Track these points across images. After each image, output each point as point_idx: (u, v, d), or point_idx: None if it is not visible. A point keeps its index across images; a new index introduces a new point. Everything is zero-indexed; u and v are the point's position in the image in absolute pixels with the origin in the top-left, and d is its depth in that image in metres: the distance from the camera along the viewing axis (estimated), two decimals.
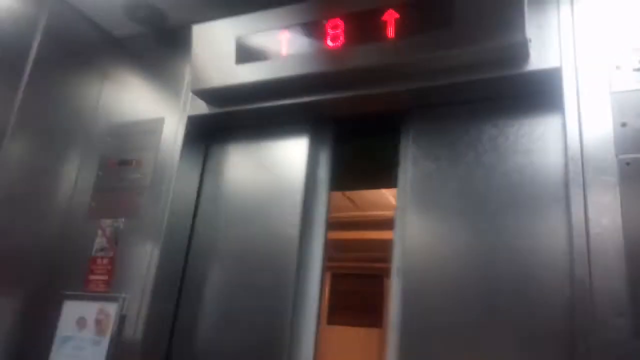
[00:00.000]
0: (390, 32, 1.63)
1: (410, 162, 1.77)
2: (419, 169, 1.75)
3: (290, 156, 2.01)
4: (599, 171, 1.34)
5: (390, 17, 1.63)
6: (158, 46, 2.29)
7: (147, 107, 2.19)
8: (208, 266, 2.00)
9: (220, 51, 1.94)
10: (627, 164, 1.31)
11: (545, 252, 1.49)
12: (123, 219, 2.02)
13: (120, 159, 2.15)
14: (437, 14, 1.57)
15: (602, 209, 1.31)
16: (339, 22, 1.72)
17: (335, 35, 1.73)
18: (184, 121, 2.08)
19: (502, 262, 1.53)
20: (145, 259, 1.91)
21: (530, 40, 1.49)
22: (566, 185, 1.42)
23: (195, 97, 2.06)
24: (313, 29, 1.77)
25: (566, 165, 1.43)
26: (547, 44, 1.51)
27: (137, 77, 2.28)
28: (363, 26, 1.69)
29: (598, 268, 1.27)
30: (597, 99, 1.40)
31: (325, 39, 1.74)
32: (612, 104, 1.37)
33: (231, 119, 2.08)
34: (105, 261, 1.99)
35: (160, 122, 2.14)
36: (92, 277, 1.99)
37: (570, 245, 1.37)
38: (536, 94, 1.62)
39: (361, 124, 2.00)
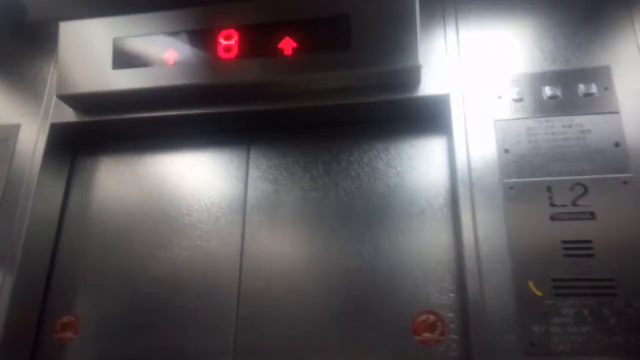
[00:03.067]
0: (287, 49, 1.49)
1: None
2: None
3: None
4: (486, 194, 1.34)
5: (288, 34, 1.50)
6: (13, 42, 1.88)
7: None
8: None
9: (94, 54, 1.63)
10: (511, 187, 1.32)
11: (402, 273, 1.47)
12: None
13: None
14: (334, 35, 1.47)
15: (489, 230, 1.31)
16: (233, 33, 1.54)
17: (227, 46, 1.54)
18: (45, 129, 1.71)
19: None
20: None
21: (421, 67, 1.46)
22: (456, 206, 1.40)
23: (61, 102, 1.71)
24: (203, 37, 1.56)
25: (455, 187, 1.41)
26: (436, 71, 1.49)
27: None
28: (258, 40, 1.53)
29: (489, 286, 1.26)
30: (482, 126, 1.40)
31: (217, 50, 1.54)
32: (496, 131, 1.38)
33: (104, 128, 1.76)
34: None
35: (14, 129, 1.74)
36: None
37: (461, 265, 1.34)
38: (423, 119, 1.59)
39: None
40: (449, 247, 1.47)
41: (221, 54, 1.54)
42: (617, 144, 1.30)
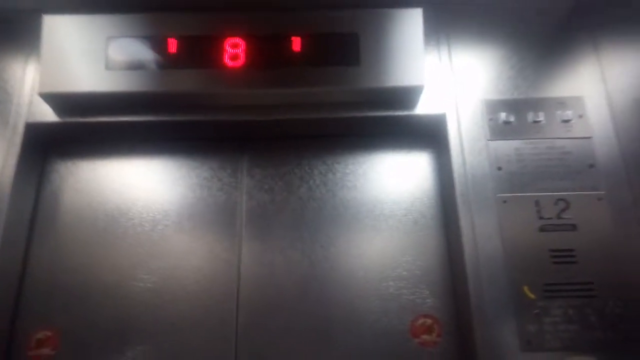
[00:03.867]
0: (295, 61, 1.52)
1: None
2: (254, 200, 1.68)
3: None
4: (483, 206, 1.46)
5: (296, 45, 1.53)
6: None
7: None
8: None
9: (85, 52, 1.54)
10: (504, 201, 1.46)
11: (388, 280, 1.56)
12: None
13: None
14: (343, 52, 1.53)
15: (486, 239, 1.43)
16: (240, 42, 1.53)
17: (234, 54, 1.53)
18: (19, 129, 1.58)
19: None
20: None
21: (424, 86, 1.56)
22: (455, 217, 1.50)
23: (37, 101, 1.58)
24: (209, 44, 1.54)
25: (452, 199, 1.52)
26: (431, 92, 1.60)
27: None
28: (265, 50, 1.54)
29: (488, 290, 1.38)
30: (477, 145, 1.53)
31: (222, 58, 1.53)
32: (489, 150, 1.52)
33: (87, 130, 1.65)
34: None
35: None
36: None
37: (461, 272, 1.44)
38: (417, 135, 1.70)
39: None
40: (441, 255, 1.58)
41: (227, 62, 1.53)
42: (591, 166, 1.49)
